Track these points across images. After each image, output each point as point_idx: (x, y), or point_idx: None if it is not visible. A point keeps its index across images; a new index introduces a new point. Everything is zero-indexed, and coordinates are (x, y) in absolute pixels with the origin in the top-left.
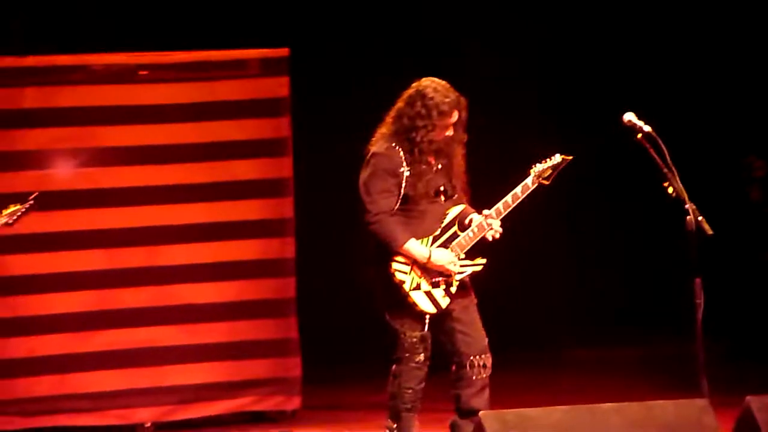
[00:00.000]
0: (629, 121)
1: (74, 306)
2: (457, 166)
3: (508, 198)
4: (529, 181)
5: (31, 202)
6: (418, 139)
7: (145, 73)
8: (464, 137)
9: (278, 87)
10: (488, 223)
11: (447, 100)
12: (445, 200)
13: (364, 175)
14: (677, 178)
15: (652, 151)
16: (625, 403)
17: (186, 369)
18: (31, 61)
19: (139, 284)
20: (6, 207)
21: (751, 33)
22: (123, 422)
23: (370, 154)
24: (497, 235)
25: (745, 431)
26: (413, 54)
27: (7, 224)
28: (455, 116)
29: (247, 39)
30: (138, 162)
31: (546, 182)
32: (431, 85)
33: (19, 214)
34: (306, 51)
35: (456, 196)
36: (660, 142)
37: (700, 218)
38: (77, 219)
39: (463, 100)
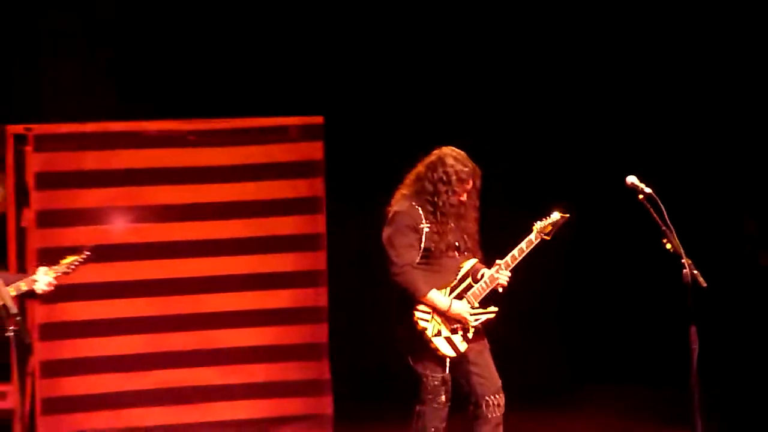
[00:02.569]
0: (632, 183)
1: (128, 348)
2: (470, 227)
3: (515, 252)
4: (532, 236)
5: (87, 253)
6: (440, 202)
7: (193, 138)
8: (477, 203)
9: (314, 150)
10: (499, 275)
11: (465, 168)
12: (458, 255)
13: (387, 231)
14: (675, 236)
15: (652, 211)
16: None
17: (228, 406)
18: (91, 127)
19: (185, 329)
20: (64, 257)
21: (749, 93)
22: None
23: (392, 212)
24: (505, 284)
25: None
26: (435, 123)
27: (65, 273)
28: (471, 183)
29: (286, 107)
30: (185, 218)
31: (547, 237)
32: (451, 153)
33: (76, 264)
34: (339, 119)
35: (468, 251)
36: (659, 202)
37: (695, 272)
38: (131, 270)
39: (478, 169)
